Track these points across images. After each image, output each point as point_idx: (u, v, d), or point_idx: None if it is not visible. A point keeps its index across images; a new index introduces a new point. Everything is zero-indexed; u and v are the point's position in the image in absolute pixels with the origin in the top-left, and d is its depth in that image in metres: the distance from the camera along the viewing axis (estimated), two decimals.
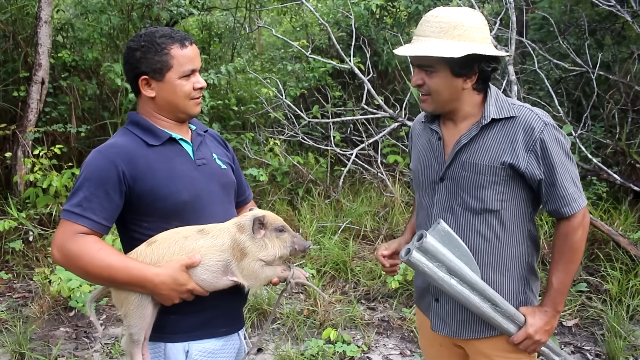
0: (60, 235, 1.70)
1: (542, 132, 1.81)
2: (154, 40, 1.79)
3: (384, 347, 3.87)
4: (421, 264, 1.77)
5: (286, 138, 6.67)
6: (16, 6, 6.32)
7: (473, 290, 1.82)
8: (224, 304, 1.86)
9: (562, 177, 1.82)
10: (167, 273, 1.69)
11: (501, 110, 1.87)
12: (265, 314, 4.13)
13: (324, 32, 7.47)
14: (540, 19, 6.77)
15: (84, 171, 1.75)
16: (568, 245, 1.87)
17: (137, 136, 1.83)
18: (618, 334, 3.77)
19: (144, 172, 1.76)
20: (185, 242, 1.73)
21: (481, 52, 1.77)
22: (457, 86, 1.84)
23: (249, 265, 1.75)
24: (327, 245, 4.94)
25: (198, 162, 1.89)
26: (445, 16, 1.80)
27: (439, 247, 1.77)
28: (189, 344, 1.82)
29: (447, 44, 1.77)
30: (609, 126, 6.04)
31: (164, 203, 1.77)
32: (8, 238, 5.02)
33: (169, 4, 6.16)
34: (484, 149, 1.87)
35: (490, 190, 1.87)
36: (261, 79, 6.71)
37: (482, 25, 1.81)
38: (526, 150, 1.82)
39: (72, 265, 1.70)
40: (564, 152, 1.84)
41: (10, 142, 5.71)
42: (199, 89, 1.87)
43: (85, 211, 1.69)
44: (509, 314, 1.87)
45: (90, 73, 6.53)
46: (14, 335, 3.79)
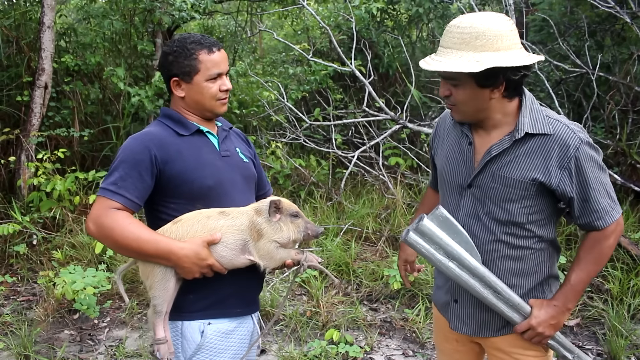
0: (96, 209, 1.85)
1: (578, 149, 1.76)
2: (185, 45, 1.98)
3: (387, 348, 3.89)
4: (418, 244, 1.82)
5: (288, 141, 6.70)
6: (19, 11, 6.36)
7: (473, 276, 1.84)
8: (239, 283, 2.00)
9: (595, 192, 1.79)
10: (191, 247, 1.83)
11: (536, 124, 1.81)
12: (269, 315, 4.15)
13: (325, 35, 7.50)
14: (540, 21, 6.79)
15: (121, 154, 1.91)
16: (597, 249, 1.85)
17: (168, 127, 2.01)
18: (619, 333, 3.78)
19: (174, 157, 1.93)
20: (208, 222, 1.87)
21: (502, 64, 1.69)
22: (484, 97, 1.79)
23: (264, 246, 1.89)
24: (329, 247, 4.96)
25: (223, 153, 2.06)
26: (467, 26, 1.72)
27: (435, 231, 1.81)
28: (204, 324, 1.95)
29: (468, 57, 1.71)
30: (610, 127, 6.05)
31: (191, 186, 1.93)
32: (12, 242, 5.05)
33: (170, 8, 6.19)
34: (516, 163, 1.83)
35: (518, 203, 1.85)
36: (263, 82, 6.74)
37: (506, 32, 1.72)
38: (560, 168, 1.78)
39: (105, 237, 1.83)
40: (598, 166, 1.80)
41: (14, 146, 5.75)
42: (225, 90, 2.04)
43: (119, 189, 1.84)
44: (512, 303, 1.87)
45: (92, 77, 6.57)
46: (19, 338, 3.81)
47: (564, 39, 6.31)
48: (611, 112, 5.96)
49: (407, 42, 7.74)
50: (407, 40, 7.91)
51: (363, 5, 6.67)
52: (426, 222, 1.81)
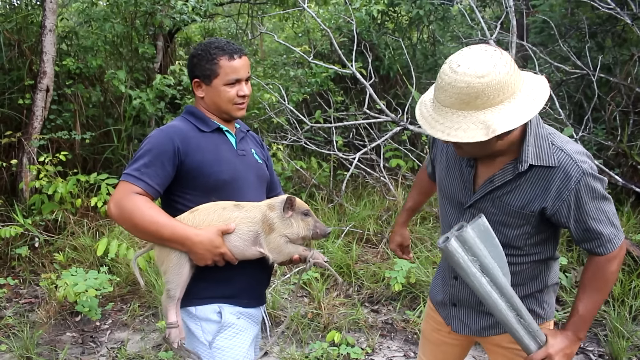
0: (119, 192, 1.94)
1: (579, 182, 1.72)
2: (208, 50, 2.10)
3: (388, 350, 3.89)
4: (457, 254, 1.70)
5: (289, 143, 6.70)
6: (21, 15, 6.38)
7: (502, 295, 1.76)
8: (248, 280, 2.10)
9: (596, 222, 1.76)
10: (205, 235, 1.92)
11: (540, 155, 1.75)
12: (270, 317, 4.15)
13: (326, 38, 7.52)
14: (540, 23, 6.80)
15: (146, 144, 2.01)
16: (601, 275, 1.83)
17: (191, 122, 2.13)
18: (621, 335, 3.78)
19: (195, 150, 2.03)
20: (223, 212, 1.97)
21: (512, 126, 1.58)
22: (491, 143, 1.71)
23: (275, 239, 1.99)
24: (330, 249, 4.96)
25: (239, 152, 2.18)
26: (464, 87, 1.57)
27: (477, 241, 1.71)
28: (220, 306, 2.05)
29: (472, 119, 1.60)
30: (611, 128, 6.06)
31: (208, 179, 2.03)
32: (14, 244, 5.06)
33: (171, 11, 6.21)
34: (517, 193, 1.81)
35: (516, 230, 1.85)
36: (264, 85, 6.75)
37: (505, 81, 1.58)
38: (558, 199, 1.75)
39: (125, 219, 1.91)
40: (600, 196, 1.76)
41: (15, 149, 5.76)
42: (242, 96, 2.14)
43: (142, 175, 1.94)
44: (532, 329, 1.81)
45: (94, 80, 6.59)
46: (21, 340, 3.82)
47: (565, 41, 6.32)
48: (612, 114, 5.97)
49: (407, 44, 7.76)
50: (407, 42, 7.93)
51: (364, 8, 6.69)
52: (470, 231, 1.70)
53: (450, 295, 2.07)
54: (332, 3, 7.93)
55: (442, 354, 2.26)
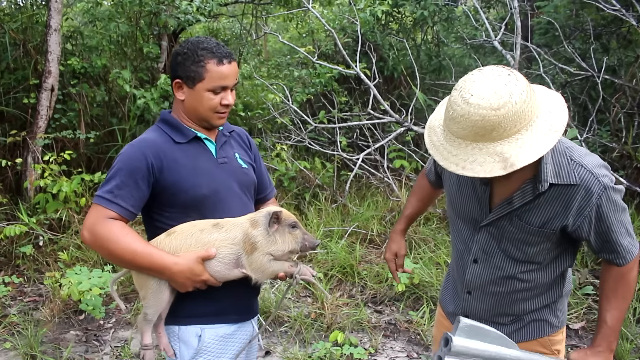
0: (92, 218, 1.83)
1: (600, 197, 1.69)
2: (195, 50, 1.92)
3: (391, 350, 3.89)
4: None
5: (293, 143, 6.71)
6: (26, 15, 6.40)
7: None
8: (235, 295, 1.98)
9: (616, 234, 1.74)
10: (185, 263, 1.81)
11: (560, 172, 1.70)
12: (276, 317, 4.16)
13: (330, 38, 7.53)
14: (545, 24, 6.79)
15: (118, 162, 1.88)
16: (622, 284, 1.81)
17: (165, 133, 1.98)
18: (625, 337, 3.78)
19: (170, 166, 1.90)
20: (201, 235, 1.86)
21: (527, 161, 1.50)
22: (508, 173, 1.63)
23: (257, 259, 1.86)
24: (334, 249, 4.96)
25: (220, 161, 2.02)
26: (478, 119, 1.49)
27: (469, 345, 1.65)
28: (202, 328, 1.94)
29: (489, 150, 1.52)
30: (615, 130, 6.04)
31: (185, 195, 1.91)
32: (19, 243, 5.08)
33: (176, 11, 6.22)
34: (537, 212, 1.76)
35: (537, 247, 1.81)
36: (268, 85, 6.76)
37: (520, 109, 1.50)
38: (579, 216, 1.72)
39: (99, 247, 1.82)
40: (620, 208, 1.74)
41: (20, 148, 5.77)
42: (226, 105, 1.97)
43: (115, 198, 1.83)
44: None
45: (98, 80, 6.61)
46: (26, 338, 3.83)
47: (569, 42, 6.31)
48: (617, 115, 5.95)
49: (411, 45, 7.76)
50: (411, 43, 7.93)
51: (368, 8, 6.69)
52: (457, 341, 1.63)
53: (463, 308, 2.03)
54: (336, 4, 7.93)
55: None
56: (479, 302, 1.98)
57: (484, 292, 1.96)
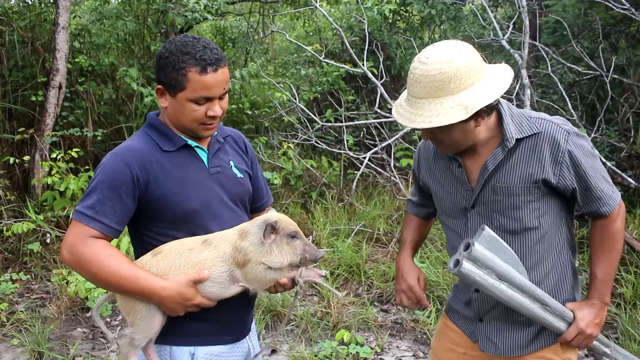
0: (72, 236, 1.69)
1: (567, 142, 1.77)
2: (178, 54, 1.71)
3: (397, 349, 3.89)
4: (472, 274, 1.71)
5: (300, 142, 6.71)
6: (35, 13, 6.43)
7: (523, 293, 1.79)
8: (228, 316, 1.86)
9: (595, 180, 1.79)
10: (174, 288, 1.68)
11: (522, 128, 1.81)
12: (279, 316, 4.16)
13: (337, 37, 7.51)
14: (553, 23, 6.76)
15: (100, 173, 1.73)
16: (608, 235, 1.85)
17: (152, 140, 1.81)
18: (632, 338, 3.76)
19: (157, 178, 1.75)
20: (190, 255, 1.72)
21: (487, 101, 1.65)
22: (470, 129, 1.76)
23: (251, 270, 1.72)
24: (340, 248, 4.96)
25: (212, 170, 1.87)
26: (436, 73, 1.64)
27: (487, 254, 1.73)
28: (195, 348, 1.82)
29: (449, 103, 1.65)
30: (624, 130, 6.01)
31: (175, 210, 1.76)
32: (26, 240, 5.10)
33: (183, 9, 6.23)
34: (513, 171, 1.82)
35: (526, 209, 1.83)
36: (275, 83, 6.76)
37: (474, 62, 1.67)
38: (555, 164, 1.78)
39: (81, 269, 1.68)
40: (590, 154, 1.81)
41: (28, 145, 5.80)
42: (212, 117, 1.78)
43: (97, 214, 1.68)
44: (558, 311, 1.84)
45: (106, 78, 6.63)
46: (33, 335, 3.85)
47: (578, 41, 6.28)
48: (625, 115, 5.92)
49: (419, 43, 7.72)
50: (419, 42, 7.89)
51: (375, 7, 6.67)
52: (478, 247, 1.71)
53: (476, 310, 1.99)
54: (343, 2, 7.92)
55: None
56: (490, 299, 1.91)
57: None
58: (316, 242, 5.14)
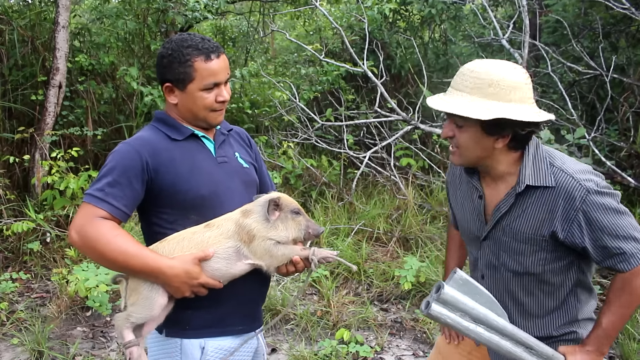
0: (80, 217, 1.72)
1: (584, 201, 1.69)
2: (180, 49, 1.82)
3: (397, 348, 3.89)
4: (442, 316, 1.69)
5: (300, 141, 6.71)
6: (35, 12, 6.42)
7: (503, 336, 1.75)
8: (239, 300, 1.90)
9: (613, 238, 1.70)
10: (180, 266, 1.72)
11: (538, 176, 1.75)
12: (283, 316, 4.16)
13: (338, 36, 7.51)
14: (553, 22, 6.76)
15: (110, 160, 1.80)
16: (627, 290, 1.74)
17: (161, 131, 1.89)
18: (632, 337, 3.76)
19: (167, 165, 1.81)
20: (193, 237, 1.77)
21: (511, 116, 1.64)
22: (488, 145, 1.74)
23: (259, 245, 1.76)
24: (340, 247, 4.96)
25: (219, 160, 1.94)
26: (482, 72, 1.69)
27: (458, 297, 1.69)
28: (205, 341, 1.85)
29: (478, 103, 1.67)
30: (623, 129, 6.01)
31: (184, 196, 1.82)
32: (26, 239, 5.10)
33: (183, 8, 6.23)
34: (523, 218, 1.79)
35: (531, 257, 1.81)
36: (275, 83, 6.76)
37: (521, 85, 1.68)
38: (566, 221, 1.72)
39: (89, 248, 1.71)
40: (614, 211, 1.71)
41: (28, 145, 5.80)
42: (221, 101, 1.89)
43: (107, 196, 1.73)
44: (546, 355, 1.79)
45: (106, 77, 6.63)
46: (33, 334, 3.85)
47: (578, 41, 6.28)
48: (625, 114, 5.92)
49: (419, 43, 7.74)
50: (419, 41, 7.90)
51: (375, 6, 6.67)
52: (447, 290, 1.69)
53: None
54: (343, 1, 7.92)
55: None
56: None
57: None
58: (316, 241, 5.15)
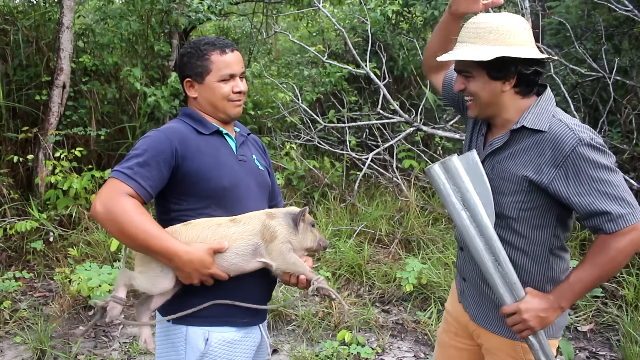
0: (107, 190, 1.77)
1: (575, 149, 1.70)
2: (198, 47, 2.00)
3: (398, 350, 3.90)
4: (438, 180, 1.80)
5: (302, 142, 6.72)
6: (39, 12, 6.46)
7: (480, 234, 1.78)
8: (247, 291, 1.95)
9: (600, 196, 1.69)
10: (196, 254, 1.78)
11: (536, 121, 1.79)
12: (281, 316, 4.18)
13: (340, 38, 7.53)
14: (556, 24, 6.75)
15: (142, 144, 1.87)
16: (605, 251, 1.71)
17: (189, 125, 2.00)
18: (634, 340, 3.75)
19: (194, 154, 1.91)
20: (218, 229, 1.85)
21: (512, 54, 1.72)
22: (496, 89, 1.81)
23: (277, 246, 1.87)
24: (342, 249, 4.97)
25: (239, 157, 2.05)
26: (482, 21, 1.79)
27: (460, 172, 1.78)
28: (209, 332, 1.90)
29: (480, 49, 1.76)
30: (626, 132, 6.00)
31: (207, 185, 1.91)
32: (29, 238, 5.12)
33: (187, 9, 6.25)
34: (512, 157, 1.84)
35: (509, 197, 1.83)
36: (278, 84, 6.77)
37: (519, 29, 1.77)
38: (554, 166, 1.73)
39: (111, 221, 1.74)
40: (604, 167, 1.70)
41: (32, 144, 5.83)
42: (238, 92, 2.02)
43: (135, 174, 1.79)
44: (508, 279, 1.79)
45: (110, 77, 6.65)
46: (36, 332, 3.87)
47: (581, 43, 6.27)
48: (628, 117, 5.91)
49: (422, 44, 7.72)
50: (422, 43, 7.89)
51: (378, 8, 6.68)
52: (454, 160, 1.78)
53: (459, 268, 2.10)
54: (346, 3, 7.93)
55: (446, 358, 2.24)
56: (470, 261, 1.99)
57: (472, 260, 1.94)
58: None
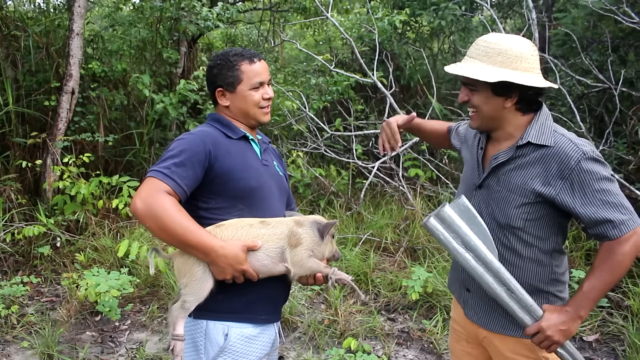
0: (147, 188, 1.85)
1: (580, 162, 1.80)
2: (227, 58, 2.11)
3: (404, 358, 3.90)
4: (437, 231, 1.87)
5: (309, 150, 6.75)
6: (49, 19, 6.51)
7: (488, 270, 1.86)
8: (267, 291, 2.04)
9: (604, 204, 1.80)
10: (231, 249, 1.87)
11: (540, 136, 1.88)
12: (288, 323, 4.18)
13: (347, 46, 7.57)
14: (562, 35, 6.78)
15: (177, 145, 1.97)
16: (612, 257, 1.81)
17: (218, 129, 2.10)
18: (639, 350, 3.75)
19: (224, 155, 2.01)
20: (250, 229, 1.94)
21: (515, 80, 1.81)
22: (499, 104, 1.91)
23: (299, 253, 1.97)
24: (348, 257, 4.98)
25: (264, 162, 2.17)
26: (493, 42, 1.86)
27: (455, 219, 1.86)
28: (229, 327, 1.98)
29: (486, 68, 1.84)
30: (632, 142, 6.00)
31: (236, 184, 2.00)
32: (37, 243, 5.15)
33: (195, 17, 6.29)
34: (518, 169, 1.92)
35: (517, 209, 1.91)
36: (284, 92, 6.80)
37: (527, 55, 1.85)
38: (560, 179, 1.83)
39: (152, 217, 1.81)
40: (606, 179, 1.81)
41: (40, 150, 5.86)
42: (267, 99, 2.15)
43: (172, 174, 1.88)
44: (524, 303, 1.86)
45: (118, 84, 6.69)
46: (43, 337, 3.89)
47: (587, 54, 6.30)
48: (634, 128, 5.92)
49: (428, 54, 7.78)
50: (428, 52, 7.95)
51: (386, 18, 6.72)
52: (447, 210, 1.86)
53: (461, 280, 2.15)
54: (354, 12, 7.98)
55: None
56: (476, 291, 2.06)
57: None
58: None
